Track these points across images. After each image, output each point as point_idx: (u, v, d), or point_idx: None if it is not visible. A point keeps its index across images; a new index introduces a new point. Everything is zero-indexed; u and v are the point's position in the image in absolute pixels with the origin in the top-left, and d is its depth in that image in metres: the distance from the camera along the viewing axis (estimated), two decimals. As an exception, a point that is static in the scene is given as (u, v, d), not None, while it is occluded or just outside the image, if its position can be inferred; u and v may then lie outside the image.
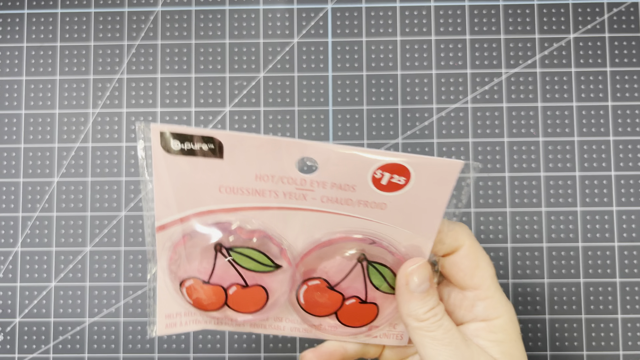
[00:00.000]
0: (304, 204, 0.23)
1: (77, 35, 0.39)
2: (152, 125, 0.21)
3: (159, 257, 0.25)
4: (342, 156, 0.22)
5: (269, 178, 0.22)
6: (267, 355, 0.37)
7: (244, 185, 0.23)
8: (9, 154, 0.38)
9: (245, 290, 0.25)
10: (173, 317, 0.26)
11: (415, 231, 0.23)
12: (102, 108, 0.38)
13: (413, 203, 0.23)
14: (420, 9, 0.38)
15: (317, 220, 0.23)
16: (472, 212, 0.37)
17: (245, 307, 0.25)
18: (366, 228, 0.24)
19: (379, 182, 0.22)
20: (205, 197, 0.23)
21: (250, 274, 0.24)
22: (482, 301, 0.24)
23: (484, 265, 0.24)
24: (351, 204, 0.23)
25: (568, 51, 0.38)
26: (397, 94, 0.38)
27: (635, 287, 0.36)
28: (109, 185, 0.38)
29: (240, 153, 0.22)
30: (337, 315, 0.25)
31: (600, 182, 0.37)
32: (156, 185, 0.23)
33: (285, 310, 0.26)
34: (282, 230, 0.24)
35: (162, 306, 0.25)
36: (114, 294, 0.37)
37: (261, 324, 0.26)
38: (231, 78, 0.38)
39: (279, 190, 0.23)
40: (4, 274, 0.37)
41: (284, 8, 0.39)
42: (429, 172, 0.22)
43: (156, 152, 0.22)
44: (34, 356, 0.37)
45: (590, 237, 0.37)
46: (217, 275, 0.24)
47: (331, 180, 0.22)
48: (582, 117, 0.37)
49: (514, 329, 0.24)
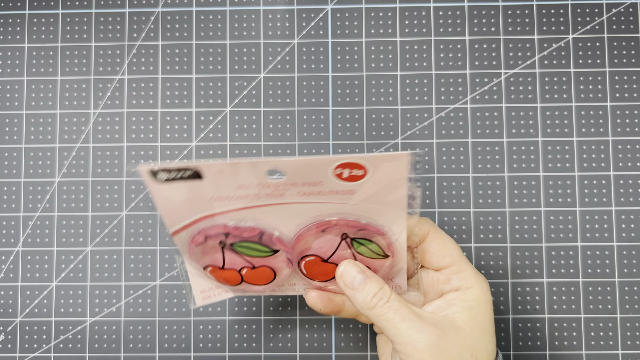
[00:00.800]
0: (284, 200, 0.26)
1: (78, 36, 0.39)
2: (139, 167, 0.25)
3: (182, 252, 0.29)
4: (303, 163, 0.25)
5: (249, 186, 0.26)
6: (267, 355, 0.37)
7: (229, 194, 0.26)
8: (10, 154, 0.38)
9: (254, 270, 0.29)
10: (207, 291, 0.31)
11: (386, 205, 0.26)
12: (103, 108, 0.38)
13: (377, 186, 0.26)
14: (419, 10, 0.38)
15: (299, 210, 0.27)
16: (472, 212, 0.37)
17: (259, 281, 0.30)
18: (344, 210, 0.27)
19: (341, 176, 0.25)
20: (202, 206, 0.27)
21: (255, 259, 0.29)
22: (456, 274, 0.28)
23: (450, 246, 0.28)
24: (323, 194, 0.26)
25: (567, 52, 0.38)
26: (397, 94, 0.38)
27: (634, 286, 0.36)
28: (110, 185, 0.38)
29: (217, 175, 0.25)
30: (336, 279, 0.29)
31: (600, 182, 0.37)
32: (158, 206, 0.27)
33: (296, 277, 0.30)
34: (271, 222, 0.28)
35: (196, 284, 0.31)
36: (114, 294, 0.37)
37: (278, 289, 0.31)
38: (231, 78, 0.38)
39: (260, 193, 0.26)
40: (5, 274, 0.37)
41: (284, 9, 0.39)
42: (381, 165, 0.25)
43: (149, 183, 0.26)
44: (35, 355, 0.37)
45: (590, 237, 0.37)
46: (229, 262, 0.29)
47: (301, 181, 0.25)
48: (581, 118, 0.37)
49: (484, 298, 0.27)
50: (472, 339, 0.26)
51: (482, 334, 0.27)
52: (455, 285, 0.28)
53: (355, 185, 0.25)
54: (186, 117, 0.38)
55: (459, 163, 0.37)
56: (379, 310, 0.26)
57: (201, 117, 0.38)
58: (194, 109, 0.38)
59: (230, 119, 0.38)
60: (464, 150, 0.37)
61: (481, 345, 0.26)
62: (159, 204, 0.27)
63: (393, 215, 0.27)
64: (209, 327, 0.37)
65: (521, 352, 0.36)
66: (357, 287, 0.27)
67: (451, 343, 0.26)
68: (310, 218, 0.27)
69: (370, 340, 0.37)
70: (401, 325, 0.26)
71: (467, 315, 0.27)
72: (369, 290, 0.27)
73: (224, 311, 0.37)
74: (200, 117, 0.38)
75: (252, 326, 0.37)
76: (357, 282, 0.27)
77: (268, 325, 0.37)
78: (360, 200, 0.26)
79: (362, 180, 0.25)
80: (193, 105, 0.38)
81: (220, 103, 0.38)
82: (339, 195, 0.26)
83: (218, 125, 0.38)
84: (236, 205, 0.27)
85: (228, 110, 0.38)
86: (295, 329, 0.37)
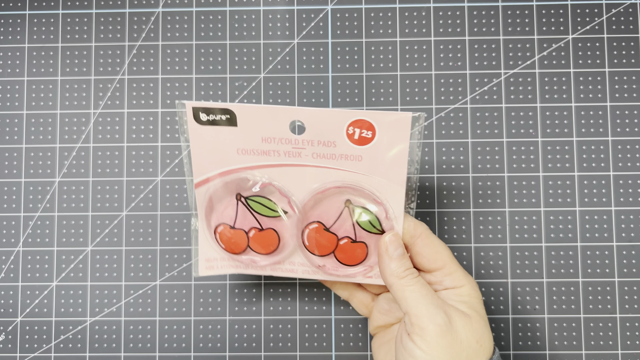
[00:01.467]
0: (299, 161, 0.29)
1: (79, 36, 0.39)
2: (186, 102, 0.28)
3: (199, 209, 0.31)
4: (321, 114, 0.28)
5: (272, 140, 0.29)
6: (267, 355, 0.37)
7: (254, 147, 0.29)
8: (10, 154, 0.38)
9: (261, 233, 0.31)
10: (211, 261, 0.33)
11: (387, 178, 0.29)
12: (103, 108, 0.38)
13: (382, 153, 0.28)
14: (419, 10, 0.39)
15: (311, 174, 0.30)
16: (472, 212, 0.37)
17: (263, 247, 0.31)
18: (350, 178, 0.29)
19: (352, 137, 0.28)
20: (227, 159, 0.30)
21: (263, 219, 0.31)
22: (447, 276, 0.29)
23: (441, 249, 0.30)
24: (335, 158, 0.29)
25: (567, 52, 0.38)
26: (397, 95, 0.38)
27: (634, 286, 0.36)
28: (110, 185, 0.38)
29: (248, 121, 0.28)
30: (335, 254, 0.31)
31: (599, 182, 0.37)
32: (193, 150, 0.29)
33: (296, 254, 0.32)
34: (285, 183, 0.30)
35: (203, 252, 0.32)
36: (115, 294, 0.37)
37: (278, 267, 0.32)
38: (232, 79, 0.38)
39: (280, 150, 0.29)
40: (6, 274, 0.37)
41: (284, 9, 0.39)
42: (387, 123, 0.28)
43: (191, 124, 0.29)
44: (35, 355, 0.37)
45: (589, 236, 0.37)
46: (239, 220, 0.31)
47: (317, 138, 0.28)
48: (581, 118, 0.38)
49: (476, 295, 0.29)
50: (479, 327, 0.28)
51: (485, 324, 0.28)
52: (448, 285, 0.29)
53: (364, 149, 0.28)
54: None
55: (459, 163, 0.37)
56: (407, 281, 0.28)
57: (201, 117, 0.38)
58: (194, 109, 0.38)
59: (230, 119, 0.38)
60: (464, 150, 0.37)
61: (485, 334, 0.28)
62: (195, 147, 0.29)
63: (394, 190, 0.29)
64: (209, 327, 0.37)
65: (521, 352, 0.36)
66: (396, 256, 0.29)
67: (461, 326, 0.27)
68: (321, 184, 0.30)
69: (371, 340, 0.37)
70: (424, 298, 0.27)
71: (467, 307, 0.28)
72: (404, 264, 0.29)
73: (224, 311, 0.37)
74: (201, 117, 0.38)
75: (252, 326, 0.37)
76: (398, 253, 0.29)
77: (268, 325, 0.37)
78: (367, 168, 0.29)
79: (370, 144, 0.28)
80: (193, 105, 0.38)
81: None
82: (348, 162, 0.29)
83: (218, 125, 0.38)
84: (258, 162, 0.30)
85: (228, 111, 0.38)
86: (295, 329, 0.37)
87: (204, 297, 0.37)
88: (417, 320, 0.27)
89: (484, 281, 0.37)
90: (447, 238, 0.37)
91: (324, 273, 0.32)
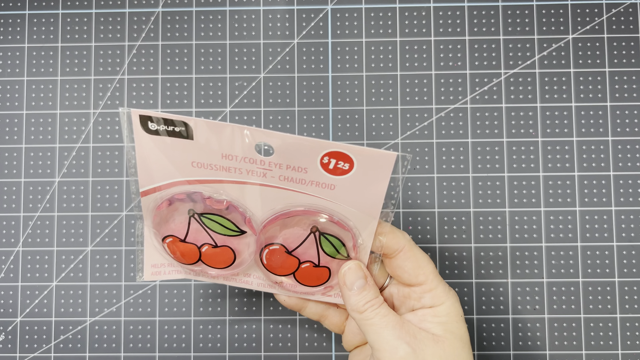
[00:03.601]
0: (264, 181, 0.26)
1: (78, 36, 0.39)
2: (132, 110, 0.25)
3: (145, 218, 0.28)
4: (294, 142, 0.25)
5: (233, 157, 0.25)
6: (267, 355, 0.37)
7: (212, 162, 0.26)
8: (10, 154, 0.38)
9: (215, 249, 0.29)
10: (158, 267, 0.30)
11: (361, 210, 0.27)
12: (103, 108, 0.38)
13: (358, 186, 0.26)
14: (419, 10, 0.39)
15: (276, 195, 0.27)
16: (472, 212, 0.37)
17: (217, 263, 0.29)
18: (319, 205, 0.27)
19: (327, 166, 0.25)
20: (180, 170, 0.26)
21: (219, 236, 0.28)
22: (427, 293, 0.28)
23: (424, 264, 0.28)
24: (305, 183, 0.26)
25: (567, 52, 0.38)
26: (397, 94, 0.38)
27: (634, 286, 0.36)
28: (110, 185, 0.38)
29: (206, 136, 0.25)
30: (295, 275, 0.29)
31: (599, 182, 0.37)
32: (138, 159, 0.26)
33: (253, 268, 0.30)
34: (245, 201, 0.27)
35: (149, 257, 0.30)
36: (114, 294, 0.37)
37: (232, 278, 0.30)
38: (231, 78, 0.38)
39: (242, 168, 0.26)
40: (5, 274, 0.37)
41: (284, 9, 0.39)
42: (368, 161, 0.25)
43: (137, 131, 0.25)
44: (35, 355, 0.37)
45: (589, 236, 0.37)
46: (191, 236, 0.28)
47: (286, 163, 0.25)
48: (581, 118, 0.38)
49: (455, 312, 0.28)
50: (452, 351, 0.27)
51: (461, 346, 0.27)
52: (426, 303, 0.28)
53: (338, 180, 0.26)
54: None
55: (459, 163, 0.37)
56: (366, 315, 0.27)
57: (201, 117, 0.38)
58: (194, 109, 0.38)
59: (230, 119, 0.38)
60: (464, 150, 0.37)
61: (460, 357, 0.27)
62: (140, 156, 0.26)
63: (366, 222, 0.27)
64: (209, 327, 0.37)
65: (521, 352, 0.36)
66: (355, 289, 0.28)
67: (430, 354, 0.26)
68: (286, 206, 0.27)
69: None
70: (383, 331, 0.26)
71: (443, 330, 0.27)
72: (364, 296, 0.28)
73: (224, 311, 0.37)
74: (201, 117, 0.38)
75: (252, 326, 0.37)
76: (357, 285, 0.28)
77: (268, 325, 0.37)
78: (339, 198, 0.26)
79: (346, 176, 0.25)
80: (193, 105, 0.38)
81: (220, 103, 0.38)
82: (319, 189, 0.26)
83: (218, 125, 0.38)
84: (216, 176, 0.26)
85: (228, 111, 0.38)
86: (295, 329, 0.37)
87: (204, 297, 0.37)
88: (379, 354, 0.26)
89: (484, 281, 0.37)
90: (447, 238, 0.37)
91: (282, 289, 0.30)
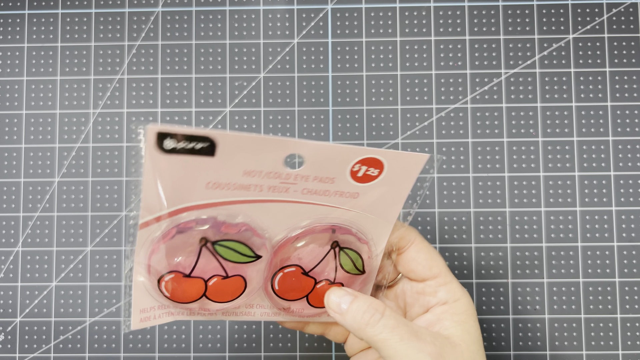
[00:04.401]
0: (285, 197, 0.24)
1: (78, 36, 0.39)
2: (149, 127, 0.21)
3: (137, 254, 0.25)
4: (327, 150, 0.23)
5: (257, 173, 0.23)
6: (267, 355, 0.37)
7: (231, 180, 0.23)
8: (9, 154, 0.38)
9: (225, 280, 0.25)
10: (147, 312, 0.26)
11: (379, 216, 0.26)
12: (103, 108, 0.38)
13: (381, 192, 0.25)
14: (419, 10, 0.38)
15: (295, 210, 0.25)
16: (472, 212, 0.37)
17: (223, 296, 0.26)
18: (338, 216, 0.26)
19: (356, 174, 0.24)
20: (192, 194, 0.23)
21: (231, 265, 0.25)
22: (442, 286, 0.27)
23: (437, 257, 0.27)
24: (328, 194, 0.25)
25: (567, 51, 0.38)
26: (397, 94, 0.38)
27: (635, 286, 0.36)
28: (110, 185, 0.38)
29: (232, 151, 0.22)
30: (308, 298, 0.27)
31: (600, 182, 0.37)
32: (145, 183, 0.23)
33: (257, 297, 0.27)
34: (263, 220, 0.25)
35: (137, 302, 0.26)
36: (114, 294, 0.37)
37: (233, 311, 0.28)
38: (231, 78, 0.38)
39: (263, 184, 0.24)
40: (5, 274, 0.37)
41: (284, 9, 0.39)
42: (399, 164, 0.24)
43: (150, 151, 0.22)
44: (34, 356, 0.37)
45: (590, 237, 0.37)
46: (199, 268, 0.25)
47: (314, 174, 0.24)
48: (582, 118, 0.37)
49: (471, 311, 0.27)
50: (470, 355, 0.25)
51: (477, 348, 0.26)
52: (442, 298, 0.27)
53: (363, 187, 0.25)
54: (186, 117, 0.38)
55: (459, 163, 0.37)
56: (373, 330, 0.24)
57: (201, 117, 0.38)
58: (194, 109, 0.38)
59: (230, 119, 0.38)
60: (464, 150, 0.37)
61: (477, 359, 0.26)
62: (149, 180, 0.22)
63: (381, 227, 0.26)
64: (209, 327, 0.37)
65: (521, 352, 0.36)
66: (345, 307, 0.25)
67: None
68: (302, 223, 0.26)
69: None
70: (399, 346, 0.24)
71: (461, 330, 0.26)
72: (357, 308, 0.25)
73: (223, 311, 0.37)
74: (200, 117, 0.38)
75: (252, 326, 0.37)
76: (345, 301, 0.26)
77: (268, 325, 0.37)
78: (360, 206, 0.25)
79: (372, 182, 0.25)
80: (193, 105, 0.38)
81: (220, 103, 0.38)
82: (342, 199, 0.25)
83: (218, 125, 0.38)
84: (232, 197, 0.24)
85: (228, 110, 0.38)
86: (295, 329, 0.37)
87: (203, 297, 0.37)
88: None
89: (484, 281, 0.37)
90: (447, 238, 0.37)
91: (287, 314, 0.28)
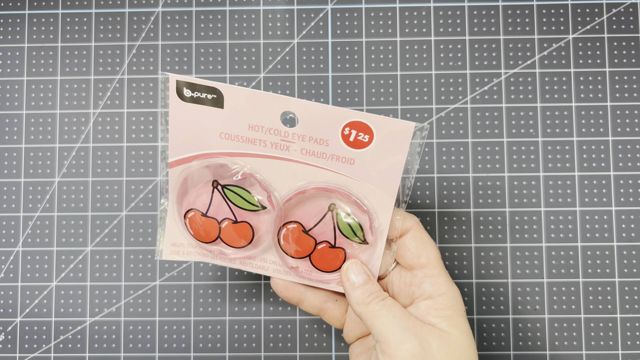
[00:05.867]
0: (287, 155, 0.27)
1: (78, 36, 0.39)
2: (170, 75, 0.26)
3: (171, 190, 0.29)
4: (317, 109, 0.26)
5: (259, 128, 0.27)
6: (267, 355, 0.37)
7: (239, 133, 0.27)
8: (10, 154, 0.38)
9: (235, 225, 0.29)
10: (177, 246, 0.30)
11: (377, 186, 0.27)
12: (103, 108, 0.38)
13: (376, 161, 0.27)
14: (419, 10, 0.38)
15: (297, 171, 0.28)
16: (472, 212, 0.37)
17: (235, 240, 0.30)
18: (338, 181, 0.28)
19: (347, 138, 0.26)
20: (208, 142, 0.28)
21: (239, 211, 0.29)
22: (428, 278, 0.27)
23: (429, 247, 0.28)
24: (325, 157, 0.27)
25: (567, 51, 0.38)
26: (397, 94, 0.38)
27: (634, 286, 0.36)
28: (110, 185, 0.38)
29: (236, 104, 0.26)
30: (310, 258, 0.29)
31: (600, 182, 0.37)
32: (171, 128, 0.27)
33: (270, 252, 0.30)
34: (268, 176, 0.28)
35: (169, 235, 0.30)
36: (114, 294, 0.37)
37: (248, 262, 0.31)
38: (231, 78, 0.38)
39: (267, 140, 0.27)
40: (5, 274, 0.37)
41: (284, 9, 0.39)
42: (387, 131, 0.26)
43: (172, 99, 0.27)
44: (35, 355, 0.37)
45: (590, 237, 0.37)
46: (213, 209, 0.29)
47: (309, 134, 0.27)
48: (581, 118, 0.37)
49: (458, 307, 0.27)
50: (458, 348, 0.26)
51: (468, 342, 0.26)
52: (426, 290, 0.27)
53: (358, 153, 0.27)
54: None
55: (459, 163, 0.37)
56: (372, 307, 0.27)
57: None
58: (194, 109, 0.38)
59: (230, 119, 0.38)
60: (464, 150, 0.37)
61: (467, 355, 0.26)
62: (175, 124, 0.27)
63: (382, 200, 0.28)
64: (209, 327, 0.37)
65: (521, 352, 0.36)
66: (359, 284, 0.28)
67: (436, 348, 0.25)
68: (305, 182, 0.28)
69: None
70: (390, 322, 0.26)
71: (448, 325, 0.26)
72: (368, 289, 0.27)
73: (224, 311, 0.37)
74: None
75: (252, 326, 0.37)
76: (360, 279, 0.28)
77: (268, 325, 0.37)
78: (358, 173, 0.27)
79: (365, 149, 0.26)
80: (193, 105, 0.38)
81: (220, 103, 0.38)
82: (339, 164, 0.27)
83: (218, 125, 0.38)
84: (242, 149, 0.28)
85: (228, 110, 0.38)
86: (295, 329, 0.37)
87: (203, 297, 0.37)
88: (385, 347, 0.25)
89: (484, 281, 0.37)
90: (447, 238, 0.37)
91: (297, 275, 0.30)
